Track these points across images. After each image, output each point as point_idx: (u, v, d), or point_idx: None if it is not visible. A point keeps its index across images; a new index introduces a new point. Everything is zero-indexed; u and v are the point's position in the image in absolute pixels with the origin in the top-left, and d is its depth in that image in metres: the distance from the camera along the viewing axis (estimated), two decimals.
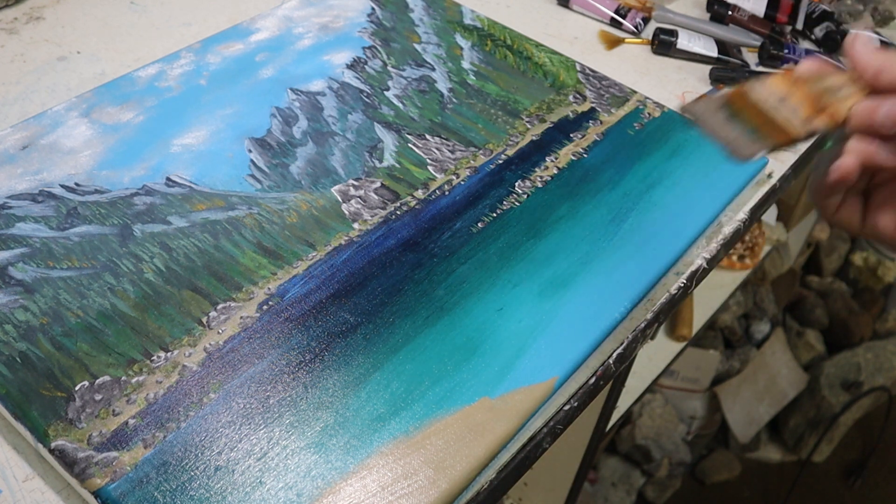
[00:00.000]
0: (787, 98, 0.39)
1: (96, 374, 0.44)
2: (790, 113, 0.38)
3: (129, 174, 0.56)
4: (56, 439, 0.41)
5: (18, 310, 0.47)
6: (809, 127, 0.38)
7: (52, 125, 0.59)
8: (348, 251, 0.52)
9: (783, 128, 0.38)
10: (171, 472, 0.40)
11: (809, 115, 0.38)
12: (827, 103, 0.39)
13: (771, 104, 0.39)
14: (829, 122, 0.38)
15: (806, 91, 0.39)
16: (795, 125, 0.38)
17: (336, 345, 0.47)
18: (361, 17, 0.74)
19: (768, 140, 0.38)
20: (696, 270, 0.56)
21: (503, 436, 0.43)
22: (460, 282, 0.51)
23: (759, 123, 0.38)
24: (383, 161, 0.59)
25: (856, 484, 1.59)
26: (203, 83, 0.64)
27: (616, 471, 1.49)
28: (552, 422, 0.47)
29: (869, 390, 1.61)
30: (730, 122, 0.39)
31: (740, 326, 1.59)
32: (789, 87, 0.39)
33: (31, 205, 0.53)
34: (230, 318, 0.48)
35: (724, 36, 0.82)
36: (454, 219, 0.55)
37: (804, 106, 0.39)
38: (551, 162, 0.60)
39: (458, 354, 0.47)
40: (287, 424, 0.43)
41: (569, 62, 0.71)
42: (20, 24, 0.73)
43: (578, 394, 0.49)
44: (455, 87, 0.67)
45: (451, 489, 0.41)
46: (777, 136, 0.38)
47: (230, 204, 0.55)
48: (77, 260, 0.50)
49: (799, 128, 0.38)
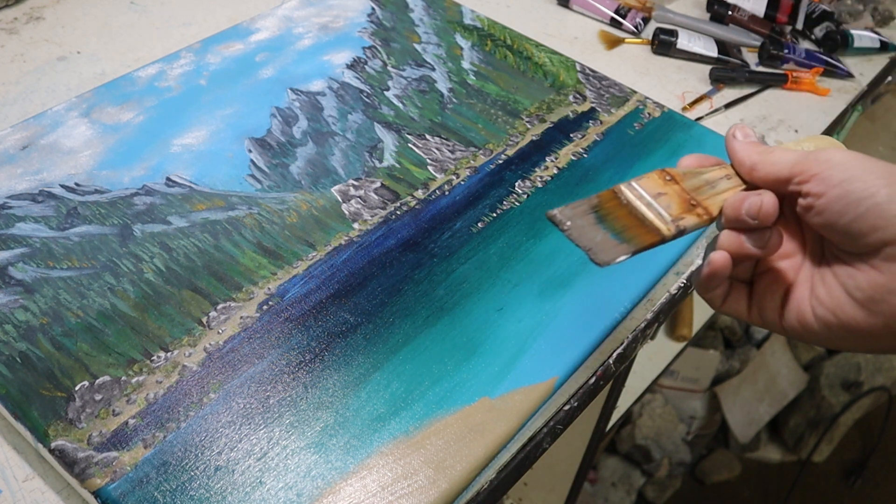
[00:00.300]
0: (662, 195, 0.38)
1: (96, 374, 0.44)
2: (661, 211, 0.37)
3: (129, 174, 0.56)
4: (56, 439, 0.41)
5: (18, 310, 0.47)
6: (679, 224, 0.37)
7: (52, 125, 0.59)
8: (348, 251, 0.52)
9: (651, 227, 0.37)
10: (171, 472, 0.40)
11: (681, 212, 0.38)
12: (702, 198, 0.38)
13: (643, 203, 0.38)
14: (700, 218, 0.38)
15: (681, 187, 0.39)
16: (663, 224, 0.37)
17: (336, 345, 0.47)
18: (361, 17, 0.74)
19: (634, 242, 0.36)
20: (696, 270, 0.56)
21: (503, 436, 0.43)
22: (460, 282, 0.51)
23: (626, 225, 0.37)
24: (383, 161, 0.59)
25: (856, 484, 1.59)
26: (203, 83, 0.64)
27: (616, 471, 1.49)
28: (552, 422, 0.47)
29: (869, 390, 1.61)
30: (596, 225, 0.37)
31: (740, 326, 1.59)
32: (664, 185, 0.38)
33: (31, 205, 0.53)
34: (230, 318, 0.48)
35: (724, 36, 0.82)
36: (454, 219, 0.55)
37: (676, 203, 0.38)
38: (551, 162, 0.60)
39: (458, 354, 0.47)
40: (287, 424, 0.43)
41: (569, 62, 0.71)
42: (20, 24, 0.73)
43: (578, 394, 0.49)
44: (455, 87, 0.67)
45: (451, 489, 0.41)
46: (644, 237, 0.37)
47: (230, 204, 0.55)
48: (77, 260, 0.50)
49: (667, 227, 0.37)
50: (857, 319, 0.36)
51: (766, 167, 0.38)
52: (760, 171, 0.38)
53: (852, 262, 0.37)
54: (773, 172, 0.38)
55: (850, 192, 0.35)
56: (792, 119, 0.74)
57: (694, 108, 0.73)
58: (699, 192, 0.39)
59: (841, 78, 0.80)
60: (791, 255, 0.40)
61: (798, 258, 0.40)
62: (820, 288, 0.38)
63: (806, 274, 0.40)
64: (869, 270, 0.36)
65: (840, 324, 0.37)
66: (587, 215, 0.37)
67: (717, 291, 0.41)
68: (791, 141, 0.42)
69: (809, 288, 0.39)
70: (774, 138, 0.71)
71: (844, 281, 0.37)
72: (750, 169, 0.39)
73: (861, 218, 0.35)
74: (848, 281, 0.36)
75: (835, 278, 0.37)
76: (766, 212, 0.37)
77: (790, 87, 0.77)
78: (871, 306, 0.36)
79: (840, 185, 0.35)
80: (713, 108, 0.74)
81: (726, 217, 0.38)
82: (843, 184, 0.35)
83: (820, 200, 0.36)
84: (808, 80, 0.77)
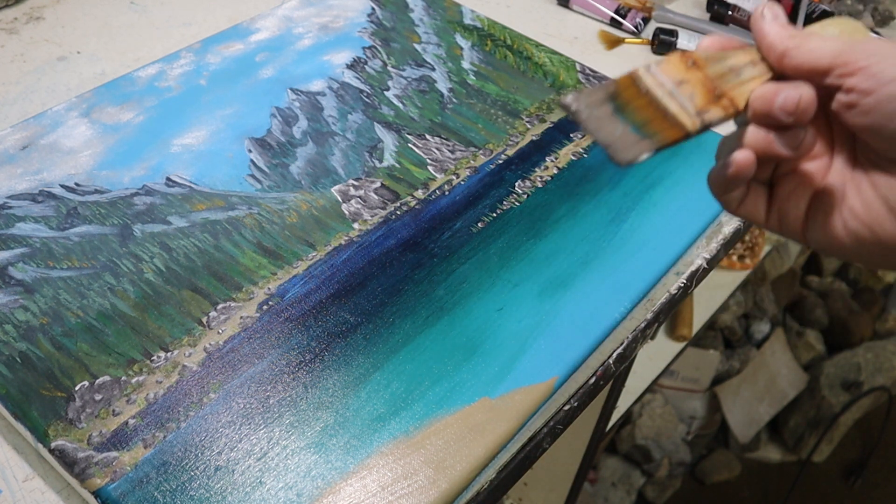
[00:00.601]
0: (684, 83, 0.34)
1: (96, 374, 0.44)
2: (685, 101, 0.34)
3: (129, 174, 0.56)
4: (56, 439, 0.41)
5: (18, 310, 0.47)
6: (704, 119, 0.34)
7: (52, 125, 0.59)
8: (348, 251, 0.52)
9: (674, 121, 0.34)
10: (171, 472, 0.40)
11: (705, 103, 0.34)
12: (727, 87, 0.35)
13: (664, 91, 0.34)
14: (726, 111, 0.34)
15: (705, 74, 0.35)
16: (688, 118, 0.34)
17: (336, 345, 0.47)
18: (361, 17, 0.74)
19: (656, 137, 0.33)
20: (696, 270, 0.56)
21: (503, 436, 0.43)
22: (460, 282, 0.51)
23: (647, 118, 0.34)
24: (383, 161, 0.59)
25: (856, 484, 1.59)
26: (203, 83, 0.64)
27: (616, 471, 1.49)
28: (552, 422, 0.47)
29: (869, 390, 1.61)
30: (615, 116, 0.33)
31: (740, 326, 1.59)
32: (686, 70, 0.35)
33: (31, 205, 0.53)
34: (230, 318, 0.48)
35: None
36: (454, 219, 0.55)
37: (700, 93, 0.34)
38: (551, 162, 0.60)
39: (458, 354, 0.47)
40: (287, 424, 0.43)
41: (569, 62, 0.71)
42: (20, 24, 0.73)
43: (578, 394, 0.48)
44: (455, 87, 0.67)
45: (451, 489, 0.41)
46: (667, 132, 0.33)
47: (230, 204, 0.55)
48: (77, 260, 0.50)
49: (691, 121, 0.34)
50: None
51: (803, 55, 0.33)
52: (795, 58, 0.34)
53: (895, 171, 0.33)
54: (810, 61, 0.33)
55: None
56: None
57: None
58: (724, 80, 0.35)
59: None
60: (818, 156, 0.36)
61: (825, 160, 0.36)
62: (854, 198, 0.34)
63: (836, 179, 0.35)
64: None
65: (876, 239, 0.33)
66: (604, 104, 0.34)
67: (735, 193, 0.37)
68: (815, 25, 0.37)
69: (841, 197, 0.35)
70: None
71: (885, 193, 0.33)
72: (782, 54, 0.34)
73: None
74: (890, 194, 0.33)
75: (873, 189, 0.33)
76: (804, 108, 0.33)
77: None
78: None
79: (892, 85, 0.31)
80: None
81: (755, 111, 0.34)
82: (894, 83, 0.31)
83: (867, 99, 0.32)
84: None
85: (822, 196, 0.35)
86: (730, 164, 0.34)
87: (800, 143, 0.33)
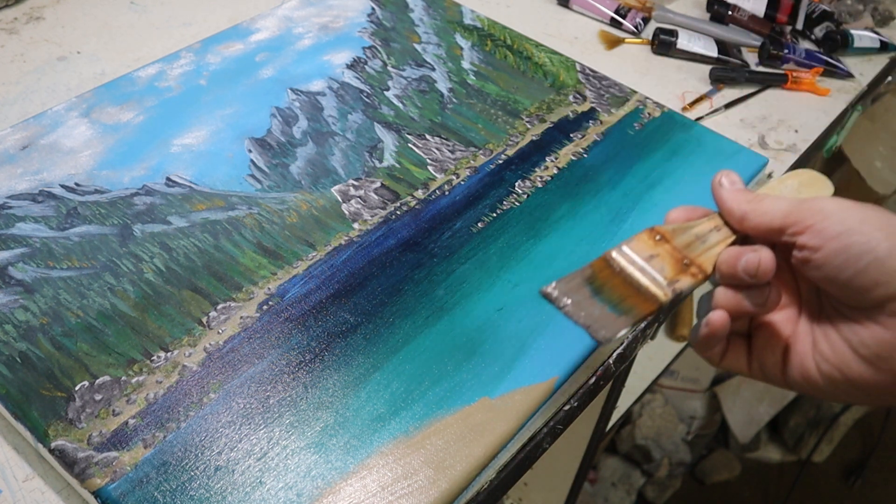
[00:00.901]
0: (654, 256, 0.37)
1: (96, 374, 0.44)
2: (656, 275, 0.37)
3: (129, 174, 0.56)
4: (56, 439, 0.41)
5: (18, 310, 0.47)
6: (675, 288, 0.36)
7: (52, 125, 0.59)
8: (348, 251, 0.52)
9: (648, 294, 0.36)
10: (171, 472, 0.40)
11: (675, 273, 0.37)
12: (694, 255, 0.37)
13: (636, 268, 0.37)
14: (695, 278, 0.37)
15: (672, 246, 0.37)
16: (659, 290, 0.36)
17: (336, 345, 0.47)
18: (361, 17, 0.74)
19: (632, 313, 0.36)
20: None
21: (503, 436, 0.43)
22: (460, 282, 0.51)
23: (623, 295, 0.36)
24: (383, 161, 0.59)
25: (856, 484, 1.59)
26: (203, 83, 0.64)
27: (616, 471, 1.49)
28: (552, 422, 0.47)
29: None
30: (593, 299, 0.36)
31: None
32: (655, 245, 0.37)
33: (31, 205, 0.53)
34: (230, 318, 0.48)
35: (724, 36, 0.82)
36: (454, 219, 0.55)
37: (669, 265, 0.37)
38: (551, 162, 0.60)
39: (458, 354, 0.47)
40: (287, 424, 0.43)
41: (569, 62, 0.71)
42: (20, 24, 0.73)
43: (578, 394, 0.48)
44: (455, 87, 0.67)
45: (451, 489, 0.41)
46: (642, 306, 0.36)
47: (230, 204, 0.55)
48: (77, 260, 0.50)
49: (663, 292, 0.36)
50: (864, 376, 0.35)
51: (757, 217, 0.37)
52: (751, 220, 0.37)
53: (855, 317, 0.35)
54: (765, 223, 0.36)
55: (850, 247, 0.33)
56: (792, 119, 0.74)
57: (694, 108, 0.73)
58: (690, 248, 0.38)
59: (841, 78, 0.80)
60: (787, 306, 0.39)
61: (794, 310, 0.39)
62: (823, 343, 0.37)
63: (805, 327, 0.38)
64: (873, 326, 0.34)
65: (846, 380, 0.35)
66: (582, 288, 0.36)
67: (716, 349, 0.39)
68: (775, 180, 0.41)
69: (811, 342, 0.37)
70: (774, 138, 0.71)
71: (848, 337, 0.35)
72: (740, 219, 0.37)
73: (862, 273, 0.33)
74: (852, 337, 0.35)
75: (837, 334, 0.36)
76: (764, 269, 0.36)
77: (790, 87, 0.77)
78: (877, 363, 0.34)
79: (838, 239, 0.34)
80: (713, 108, 0.74)
81: (722, 275, 0.37)
82: (840, 237, 0.34)
83: (817, 254, 0.34)
84: (808, 80, 0.77)
85: (794, 343, 0.38)
86: (705, 324, 0.37)
87: (766, 299, 0.36)
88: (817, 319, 0.38)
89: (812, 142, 0.71)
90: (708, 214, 0.39)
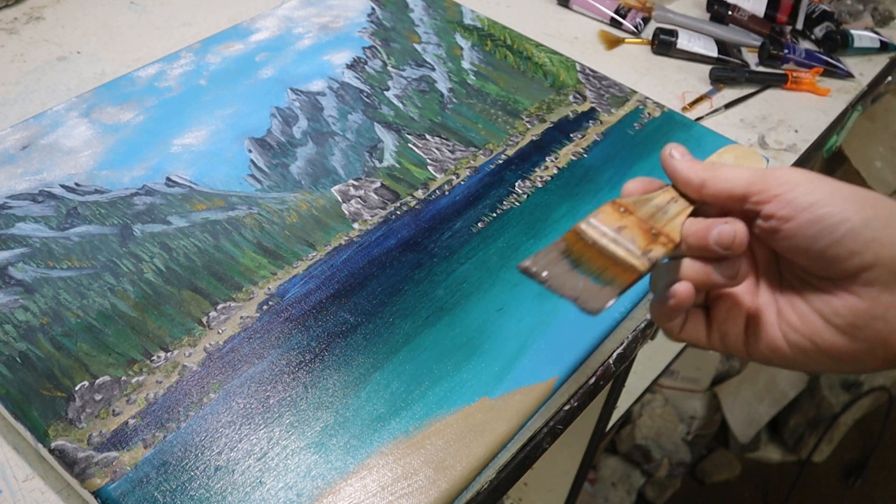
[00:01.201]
0: (623, 228, 0.37)
1: (96, 374, 0.44)
2: (629, 245, 0.37)
3: (129, 174, 0.56)
4: (56, 439, 0.41)
5: (18, 310, 0.47)
6: (650, 257, 0.36)
7: (52, 125, 0.59)
8: (348, 251, 0.52)
9: (626, 265, 0.36)
10: (171, 472, 0.40)
11: (647, 243, 0.37)
12: (660, 225, 0.37)
13: (609, 239, 0.37)
14: (666, 246, 0.37)
15: (637, 217, 0.38)
16: (636, 259, 0.36)
17: (336, 345, 0.47)
18: (361, 17, 0.74)
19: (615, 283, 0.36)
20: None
21: (503, 436, 0.43)
22: (460, 282, 0.51)
23: (602, 266, 0.36)
24: (383, 161, 0.59)
25: (856, 484, 1.59)
26: (203, 83, 0.64)
27: (616, 471, 1.49)
28: (552, 422, 0.47)
29: (869, 390, 1.61)
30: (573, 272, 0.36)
31: None
32: (621, 217, 0.38)
33: (31, 205, 0.53)
34: (230, 318, 0.48)
35: (724, 36, 0.82)
36: (454, 219, 0.55)
37: (639, 235, 0.37)
38: (551, 162, 0.60)
39: (458, 354, 0.47)
40: (287, 424, 0.43)
41: (569, 62, 0.71)
42: (20, 24, 0.73)
43: (578, 394, 0.48)
44: (455, 87, 0.67)
45: (451, 489, 0.41)
46: (622, 276, 0.36)
47: (230, 204, 0.55)
48: (77, 260, 0.50)
49: (640, 262, 0.36)
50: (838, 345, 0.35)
51: (718, 183, 0.36)
52: (711, 188, 0.37)
53: (825, 287, 0.35)
54: (726, 189, 0.36)
55: (824, 218, 0.33)
56: (792, 119, 0.74)
57: (694, 108, 0.73)
58: (654, 219, 0.38)
59: (841, 78, 0.80)
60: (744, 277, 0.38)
61: (753, 280, 0.39)
62: (790, 313, 0.36)
63: (767, 297, 0.38)
64: (846, 296, 0.34)
65: (818, 350, 0.35)
66: (560, 262, 0.36)
67: (677, 321, 0.39)
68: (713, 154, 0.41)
69: (775, 312, 0.37)
70: (774, 138, 0.71)
71: (819, 307, 0.35)
72: (699, 186, 0.37)
73: (838, 244, 0.33)
74: (824, 307, 0.35)
75: (806, 304, 0.36)
76: (739, 241, 0.35)
77: (790, 87, 0.77)
78: (852, 332, 0.34)
79: (810, 210, 0.34)
80: (713, 108, 0.74)
81: (690, 246, 0.37)
82: (812, 208, 0.34)
83: (787, 224, 0.34)
84: (808, 80, 0.77)
85: (756, 314, 0.38)
86: (671, 296, 0.37)
87: (736, 271, 0.36)
88: (779, 288, 0.38)
89: (812, 142, 0.71)
90: (663, 187, 0.40)
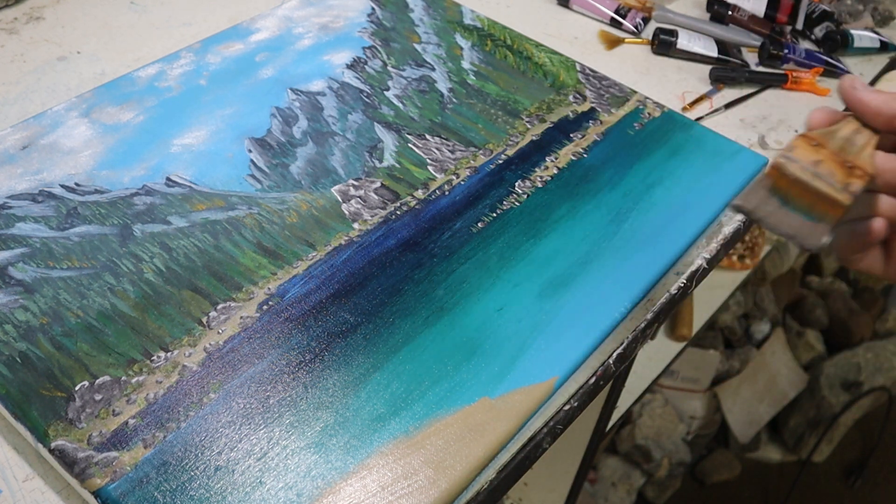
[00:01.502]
0: (819, 162, 0.38)
1: (96, 374, 0.44)
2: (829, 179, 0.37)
3: (129, 174, 0.56)
4: (56, 439, 0.41)
5: (18, 310, 0.47)
6: (850, 191, 0.37)
7: (52, 125, 0.59)
8: (348, 251, 0.52)
9: (831, 200, 0.37)
10: (171, 472, 0.40)
11: (844, 177, 0.37)
12: (851, 157, 0.38)
13: (810, 175, 0.37)
14: (862, 179, 0.37)
15: (829, 150, 0.38)
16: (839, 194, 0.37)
17: (336, 345, 0.47)
18: (361, 17, 0.74)
19: (827, 219, 0.36)
20: (696, 270, 0.56)
21: (503, 436, 0.43)
22: (460, 282, 0.51)
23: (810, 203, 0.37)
24: (383, 161, 0.59)
25: (856, 484, 1.59)
26: (203, 83, 0.64)
27: (616, 471, 1.49)
28: (552, 422, 0.47)
29: (869, 390, 1.61)
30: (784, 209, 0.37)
31: (740, 326, 1.59)
32: (814, 151, 0.38)
33: (31, 205, 0.53)
34: (230, 318, 0.48)
35: (724, 36, 0.82)
36: (454, 219, 0.55)
37: (836, 169, 0.37)
38: (551, 162, 0.60)
39: (458, 354, 0.47)
40: (287, 424, 0.43)
41: (569, 62, 0.71)
42: (20, 24, 0.73)
43: (578, 394, 0.48)
44: (455, 87, 0.67)
45: (451, 489, 0.41)
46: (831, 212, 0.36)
47: (230, 204, 0.55)
48: (77, 260, 0.50)
49: (844, 196, 0.36)
50: None
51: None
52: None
53: None
54: None
55: None
56: (792, 119, 0.74)
57: (694, 108, 0.73)
58: (845, 152, 0.38)
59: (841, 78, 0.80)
60: None
61: None
62: None
63: None
64: None
65: None
66: (770, 199, 0.37)
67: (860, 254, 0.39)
68: None
69: None
70: (774, 138, 0.71)
71: None
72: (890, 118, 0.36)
73: None
74: None
75: None
76: None
77: (790, 87, 0.77)
78: None
79: None
80: (713, 108, 0.74)
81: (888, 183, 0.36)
82: None
83: None
84: (808, 80, 0.77)
85: None
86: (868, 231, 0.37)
87: None
88: None
89: None
90: (845, 118, 0.39)
